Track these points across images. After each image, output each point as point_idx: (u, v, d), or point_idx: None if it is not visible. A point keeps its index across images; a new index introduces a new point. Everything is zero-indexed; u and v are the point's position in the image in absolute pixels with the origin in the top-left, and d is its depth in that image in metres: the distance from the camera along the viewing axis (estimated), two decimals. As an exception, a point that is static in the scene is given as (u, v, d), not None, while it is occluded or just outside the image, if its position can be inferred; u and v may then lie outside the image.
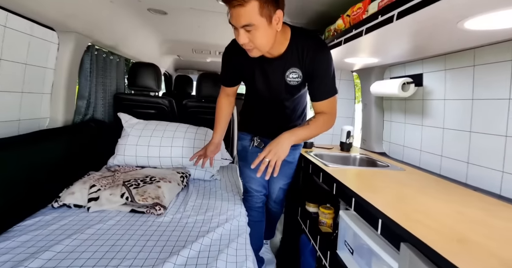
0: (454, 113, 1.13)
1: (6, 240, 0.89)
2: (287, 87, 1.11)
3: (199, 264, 0.86)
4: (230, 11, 0.88)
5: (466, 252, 0.53)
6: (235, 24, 0.89)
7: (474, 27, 0.71)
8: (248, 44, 0.92)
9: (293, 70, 1.07)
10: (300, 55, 1.02)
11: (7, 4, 1.00)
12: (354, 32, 0.97)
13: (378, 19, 0.80)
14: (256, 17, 0.86)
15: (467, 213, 0.74)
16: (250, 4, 0.83)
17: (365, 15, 0.91)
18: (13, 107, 1.19)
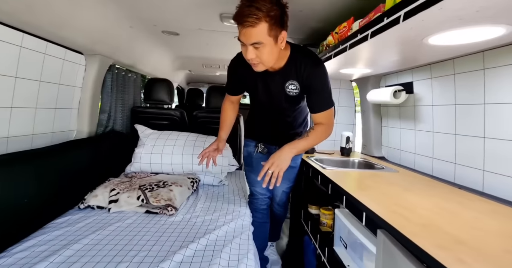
0: (441, 117, 1.21)
1: (43, 234, 1.04)
2: (287, 97, 1.22)
3: (206, 256, 0.97)
4: (241, 30, 0.96)
5: (425, 232, 0.61)
6: (244, 42, 0.98)
7: (437, 43, 0.82)
8: (255, 59, 1.02)
9: (291, 82, 1.17)
10: (298, 70, 1.13)
11: (47, 35, 1.20)
12: (341, 47, 1.09)
13: (358, 37, 0.92)
14: (265, 37, 0.96)
15: (443, 206, 0.82)
16: (260, 25, 0.93)
17: (350, 32, 1.03)
18: (48, 121, 1.38)
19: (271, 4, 0.93)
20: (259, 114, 1.46)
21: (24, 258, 0.88)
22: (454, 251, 0.54)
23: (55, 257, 0.89)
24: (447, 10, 0.58)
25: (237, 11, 0.96)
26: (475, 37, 0.75)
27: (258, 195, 1.52)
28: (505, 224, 0.70)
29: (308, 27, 1.57)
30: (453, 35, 0.74)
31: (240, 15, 0.94)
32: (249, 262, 0.96)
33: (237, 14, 0.96)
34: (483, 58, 0.94)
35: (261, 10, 0.92)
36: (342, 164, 1.68)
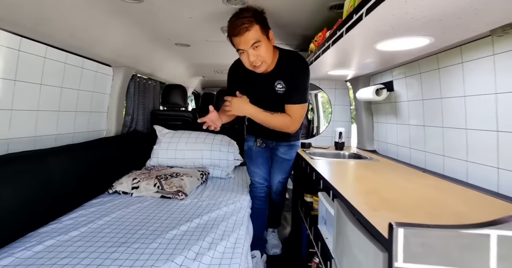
0: (414, 111, 1.35)
1: (82, 210, 1.33)
2: (276, 95, 1.41)
3: (206, 227, 1.20)
4: (239, 39, 1.17)
5: (365, 197, 0.79)
6: (244, 47, 1.19)
7: (384, 49, 0.99)
8: (257, 60, 1.22)
9: (279, 81, 1.38)
10: (285, 72, 1.34)
11: (84, 53, 1.51)
12: (317, 53, 1.28)
13: (325, 45, 1.11)
14: (260, 35, 1.18)
15: (397, 183, 0.98)
16: (254, 27, 1.16)
17: (324, 40, 1.23)
18: (85, 122, 1.69)
19: (252, 12, 1.17)
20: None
21: (70, 224, 1.16)
22: (373, 205, 0.72)
23: (91, 224, 1.17)
24: (368, 28, 0.76)
25: (229, 28, 1.19)
26: (409, 45, 0.93)
27: (257, 184, 1.73)
28: (433, 193, 0.85)
29: (299, 34, 1.78)
30: (391, 44, 0.91)
31: (234, 27, 1.16)
32: (240, 232, 1.17)
33: (231, 29, 1.18)
34: (437, 60, 1.09)
35: (248, 16, 1.15)
36: (331, 156, 1.85)
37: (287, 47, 2.20)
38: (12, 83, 1.12)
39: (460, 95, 0.99)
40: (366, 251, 0.62)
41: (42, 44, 1.24)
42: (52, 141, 1.42)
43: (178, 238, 1.09)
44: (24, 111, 1.21)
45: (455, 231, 0.46)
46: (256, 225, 1.62)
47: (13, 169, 1.08)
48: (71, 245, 1.00)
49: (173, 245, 1.04)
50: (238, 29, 1.15)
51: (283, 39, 1.99)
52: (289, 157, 1.74)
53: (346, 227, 0.77)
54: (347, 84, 2.24)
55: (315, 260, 1.47)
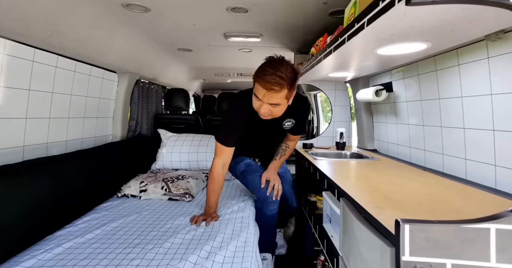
0: (413, 111, 1.40)
1: (95, 213, 1.36)
2: (282, 130, 1.48)
3: (215, 227, 1.24)
4: (262, 92, 1.11)
5: (369, 196, 0.84)
6: (265, 102, 1.14)
7: (384, 53, 1.04)
8: (267, 113, 1.19)
9: (288, 120, 1.41)
10: (294, 113, 1.38)
11: (92, 61, 1.55)
12: (318, 57, 1.33)
13: (326, 51, 1.16)
14: (283, 100, 1.15)
15: (399, 181, 1.02)
16: (283, 91, 1.11)
17: (325, 46, 1.27)
18: (92, 128, 1.73)
19: (291, 69, 1.12)
20: (255, 141, 1.61)
21: (84, 227, 1.20)
22: (378, 204, 0.77)
23: (105, 227, 1.20)
24: (369, 36, 0.81)
25: (261, 73, 1.11)
26: (407, 50, 0.98)
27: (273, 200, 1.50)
28: (434, 190, 0.90)
29: (300, 39, 1.83)
30: (390, 49, 0.96)
31: (266, 78, 1.09)
32: (249, 232, 1.21)
33: (262, 76, 1.10)
34: (435, 62, 1.14)
35: (284, 79, 1.09)
36: (333, 156, 1.90)
37: (287, 51, 2.25)
38: (27, 92, 1.16)
39: (458, 96, 1.04)
40: (374, 247, 0.66)
41: (54, 54, 1.28)
42: (62, 147, 1.45)
43: (189, 238, 1.13)
44: (37, 119, 1.25)
45: (457, 226, 0.50)
46: (270, 233, 1.58)
47: (30, 175, 1.12)
48: (88, 247, 1.03)
49: (185, 245, 1.08)
50: (268, 85, 1.09)
51: (284, 43, 2.04)
52: (284, 170, 1.77)
53: (353, 225, 0.81)
54: (346, 85, 2.29)
55: (320, 258, 1.52)
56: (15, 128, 1.15)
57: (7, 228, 1.01)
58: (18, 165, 1.11)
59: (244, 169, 1.56)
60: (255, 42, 1.98)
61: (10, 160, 1.13)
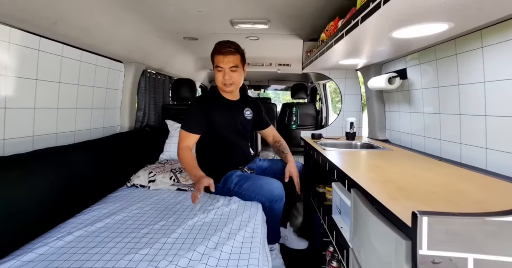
0: (429, 99, 1.33)
1: (105, 203, 1.38)
2: (246, 120, 1.64)
3: (223, 218, 1.23)
4: (221, 58, 1.45)
5: (382, 186, 0.80)
6: (224, 66, 1.46)
7: (399, 36, 0.97)
8: (231, 80, 1.47)
9: (247, 109, 1.66)
10: (249, 103, 1.69)
11: (98, 50, 1.54)
12: (329, 43, 1.26)
13: (337, 35, 1.10)
14: (239, 63, 1.49)
15: (413, 171, 0.98)
16: (236, 54, 1.47)
17: (336, 30, 1.21)
18: (100, 118, 1.74)
19: (237, 45, 1.49)
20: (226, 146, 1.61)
21: (95, 216, 1.22)
22: (392, 194, 0.73)
23: (114, 216, 1.22)
24: (386, 16, 0.75)
25: (216, 47, 1.48)
26: (426, 31, 0.90)
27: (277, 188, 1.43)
28: (451, 181, 0.85)
29: (309, 24, 1.75)
30: (408, 31, 0.89)
31: (222, 47, 1.45)
32: (256, 223, 1.20)
33: (218, 48, 1.47)
34: (455, 45, 1.06)
35: (235, 44, 1.48)
36: (343, 146, 1.85)
37: (296, 39, 2.17)
38: (34, 82, 1.16)
39: (479, 81, 0.97)
40: (387, 239, 0.64)
41: (59, 43, 1.26)
42: (71, 137, 1.46)
43: (197, 228, 1.13)
44: (45, 109, 1.25)
45: (481, 219, 0.47)
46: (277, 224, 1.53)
47: (40, 164, 1.13)
48: (98, 235, 1.05)
49: (193, 234, 1.08)
50: (224, 50, 1.44)
51: (292, 30, 1.96)
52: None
53: (365, 217, 0.78)
54: (357, 73, 2.21)
55: (329, 249, 1.50)
56: (24, 118, 1.16)
57: (21, 217, 1.03)
58: (28, 154, 1.13)
59: (238, 179, 1.48)
60: (262, 29, 1.91)
61: (21, 150, 1.14)
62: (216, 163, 1.61)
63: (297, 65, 3.20)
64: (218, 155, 1.62)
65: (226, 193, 1.52)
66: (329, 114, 3.92)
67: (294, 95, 3.87)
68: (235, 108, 1.62)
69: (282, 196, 1.43)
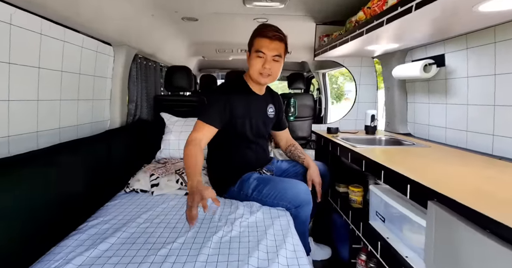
0: (478, 89, 1.20)
1: (103, 215, 1.13)
2: (268, 119, 1.46)
3: (251, 229, 1.05)
4: (266, 42, 1.23)
5: (472, 198, 0.64)
6: (267, 53, 1.23)
7: (487, 9, 0.80)
8: (269, 70, 1.26)
9: (270, 105, 1.47)
10: (273, 99, 1.49)
11: (83, 29, 1.23)
12: (375, 22, 1.07)
13: (398, 10, 0.90)
14: (283, 53, 1.28)
15: (488, 175, 0.84)
16: (283, 43, 1.26)
17: (385, 6, 1.01)
18: (88, 112, 1.44)
19: (283, 33, 1.26)
20: (245, 145, 1.41)
21: (95, 234, 0.97)
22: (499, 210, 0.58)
23: (119, 233, 0.98)
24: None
25: (262, 30, 1.24)
26: None
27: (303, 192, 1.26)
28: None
29: (333, 3, 1.54)
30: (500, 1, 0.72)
31: (269, 30, 1.23)
32: (293, 235, 1.03)
33: (264, 31, 1.23)
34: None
35: (283, 33, 1.26)
36: (370, 142, 1.70)
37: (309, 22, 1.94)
38: (7, 66, 0.87)
39: None
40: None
41: (37, 16, 0.96)
42: (55, 136, 1.18)
43: (225, 246, 0.93)
44: (22, 102, 0.96)
45: None
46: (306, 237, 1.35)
47: (19, 173, 0.87)
48: (105, 262, 0.82)
49: (224, 256, 0.88)
50: (271, 33, 1.22)
51: (308, 11, 1.73)
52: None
53: (464, 239, 0.62)
54: (373, 61, 2.05)
55: (361, 257, 1.37)
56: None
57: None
58: (3, 161, 0.86)
59: (256, 183, 1.29)
60: (276, 9, 1.68)
61: (-10, 156, 0.86)
62: (232, 164, 1.40)
63: (299, 53, 2.99)
64: (235, 155, 1.40)
65: (243, 198, 1.31)
66: (328, 105, 3.79)
67: (291, 85, 3.67)
68: (261, 104, 1.41)
69: (309, 200, 1.25)
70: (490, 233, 0.57)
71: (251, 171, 1.37)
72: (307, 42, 2.51)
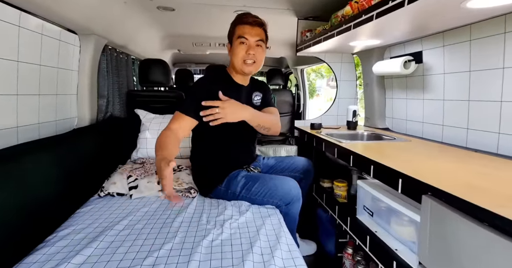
0: (454, 85, 1.26)
1: (75, 223, 1.01)
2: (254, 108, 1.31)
3: (242, 230, 1.00)
4: (247, 29, 1.21)
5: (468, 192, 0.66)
6: (250, 38, 1.21)
7: (475, 6, 0.83)
8: (254, 56, 1.23)
9: (256, 93, 1.40)
10: (258, 87, 1.42)
11: (42, 13, 1.07)
12: (364, 17, 1.07)
13: (389, 4, 0.90)
14: (264, 39, 1.26)
15: (475, 169, 0.88)
16: (263, 29, 1.25)
17: (374, 1, 1.01)
18: (51, 109, 1.28)
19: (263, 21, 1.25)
20: (232, 140, 1.32)
21: (67, 246, 0.86)
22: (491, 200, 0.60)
23: (96, 243, 0.88)
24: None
25: (242, 17, 1.23)
26: None
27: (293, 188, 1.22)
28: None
29: (313, 1, 1.52)
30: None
31: (250, 17, 1.22)
32: (286, 234, 1.00)
33: (244, 18, 1.22)
34: (505, 22, 0.97)
35: (261, 19, 1.24)
36: (353, 137, 1.74)
37: (291, 16, 1.91)
38: None
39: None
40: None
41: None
42: (12, 136, 1.03)
43: (216, 251, 0.88)
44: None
45: None
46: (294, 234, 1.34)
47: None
48: (81, 282, 0.73)
49: (216, 261, 0.83)
50: (252, 19, 1.21)
51: (290, 5, 1.70)
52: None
53: (461, 233, 0.64)
54: (353, 57, 2.09)
55: (347, 251, 1.39)
56: None
57: None
58: None
59: (245, 181, 1.24)
60: (257, 1, 1.62)
61: None
62: (218, 162, 1.32)
63: (279, 48, 2.97)
64: (221, 152, 1.32)
65: (231, 198, 1.26)
66: (307, 101, 3.84)
67: (270, 80, 3.65)
68: (245, 95, 1.35)
69: (300, 197, 1.24)
70: (486, 224, 0.58)
71: (238, 169, 1.32)
72: (287, 38, 2.50)
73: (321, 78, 8.02)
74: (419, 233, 0.78)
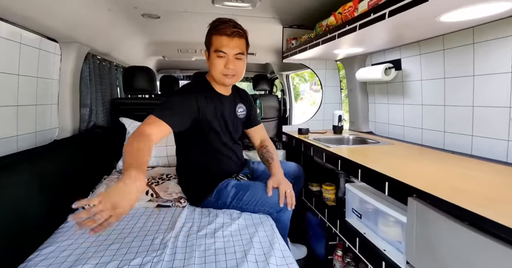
0: (430, 91, 1.34)
1: (59, 240, 0.97)
2: (238, 119, 1.35)
3: (235, 238, 1.00)
4: (225, 41, 1.12)
5: (453, 194, 0.71)
6: (228, 52, 1.13)
7: (448, 20, 0.89)
8: (234, 70, 1.17)
9: (240, 105, 1.37)
10: (241, 97, 1.39)
11: (20, 21, 1.04)
12: (348, 27, 1.12)
13: (371, 17, 0.96)
14: (244, 50, 1.19)
15: (451, 170, 0.94)
16: (243, 39, 1.17)
17: (356, 13, 1.06)
18: (30, 120, 1.23)
19: (242, 27, 1.17)
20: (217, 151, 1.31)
21: (52, 264, 0.82)
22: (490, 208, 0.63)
23: (85, 260, 0.85)
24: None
25: (221, 27, 1.12)
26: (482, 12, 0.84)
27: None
28: (502, 178, 0.83)
29: (302, 7, 1.57)
30: (464, 12, 0.81)
31: (227, 27, 1.11)
32: (279, 241, 1.01)
33: (222, 27, 1.12)
34: (473, 34, 1.05)
35: (241, 27, 1.16)
36: (339, 141, 1.79)
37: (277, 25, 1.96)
38: None
39: (506, 71, 0.97)
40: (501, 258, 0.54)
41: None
42: (-10, 151, 0.97)
43: (210, 261, 0.87)
44: None
45: None
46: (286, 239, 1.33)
47: None
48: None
49: (211, 264, 0.83)
50: (230, 30, 1.12)
51: (277, 13, 1.73)
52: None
53: (444, 234, 0.67)
54: (336, 64, 2.17)
55: (337, 253, 1.42)
56: None
57: None
58: None
59: (235, 191, 1.22)
60: (245, 10, 1.65)
61: None
62: (207, 173, 1.30)
63: (264, 54, 3.01)
64: (208, 162, 1.29)
65: (221, 207, 1.24)
66: (292, 106, 3.90)
67: (256, 86, 3.69)
68: (228, 105, 1.30)
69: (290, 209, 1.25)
70: (467, 223, 0.62)
71: (227, 178, 1.30)
72: (273, 44, 2.54)
73: (304, 82, 8.20)
74: (406, 233, 0.82)
